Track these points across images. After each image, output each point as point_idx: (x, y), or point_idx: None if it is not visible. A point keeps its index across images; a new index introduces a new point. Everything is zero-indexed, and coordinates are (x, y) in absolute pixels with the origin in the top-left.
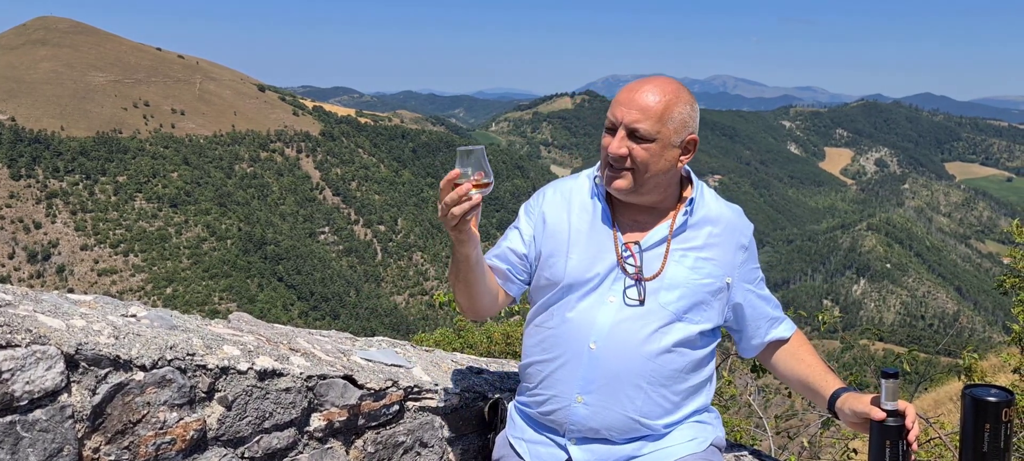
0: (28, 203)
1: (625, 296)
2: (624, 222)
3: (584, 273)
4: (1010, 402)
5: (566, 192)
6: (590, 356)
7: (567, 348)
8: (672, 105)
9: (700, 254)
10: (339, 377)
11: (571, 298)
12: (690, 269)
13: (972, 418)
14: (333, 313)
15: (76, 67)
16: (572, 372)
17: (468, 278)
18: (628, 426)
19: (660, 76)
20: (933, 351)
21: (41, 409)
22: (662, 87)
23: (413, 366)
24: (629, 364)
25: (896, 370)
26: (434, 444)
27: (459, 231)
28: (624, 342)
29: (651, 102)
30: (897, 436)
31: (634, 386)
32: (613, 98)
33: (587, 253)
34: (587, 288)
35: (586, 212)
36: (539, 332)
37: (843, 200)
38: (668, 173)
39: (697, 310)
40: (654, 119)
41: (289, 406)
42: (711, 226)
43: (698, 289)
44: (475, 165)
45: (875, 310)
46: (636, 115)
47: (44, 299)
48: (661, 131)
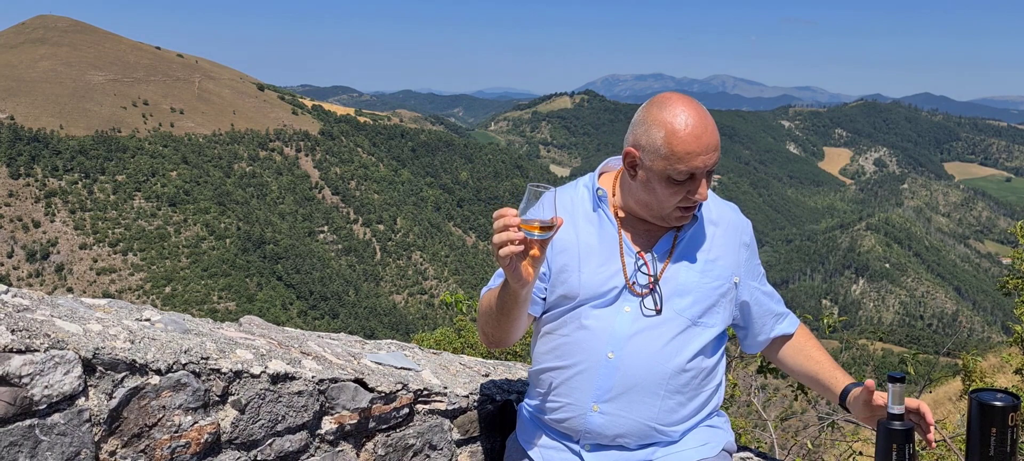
0: (27, 202)
1: (642, 305)
2: (630, 230)
3: (599, 287)
4: (1016, 406)
5: (568, 204)
6: (607, 365)
7: (584, 357)
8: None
9: (708, 257)
10: (350, 380)
11: (586, 308)
12: (700, 273)
13: (978, 422)
14: (332, 312)
15: (75, 66)
16: (588, 381)
17: (512, 313)
18: (645, 433)
19: (687, 101)
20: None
21: (59, 413)
22: (708, 117)
23: (422, 369)
24: (648, 373)
25: (902, 374)
26: (443, 447)
27: (512, 270)
28: (642, 351)
29: (717, 137)
30: (904, 440)
31: (652, 394)
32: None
33: (600, 266)
34: (603, 299)
35: (592, 224)
36: (552, 339)
37: (842, 200)
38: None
39: (710, 313)
40: (719, 147)
41: (301, 409)
42: (714, 227)
43: (710, 292)
44: (538, 208)
45: (874, 310)
46: (715, 156)
47: (61, 304)
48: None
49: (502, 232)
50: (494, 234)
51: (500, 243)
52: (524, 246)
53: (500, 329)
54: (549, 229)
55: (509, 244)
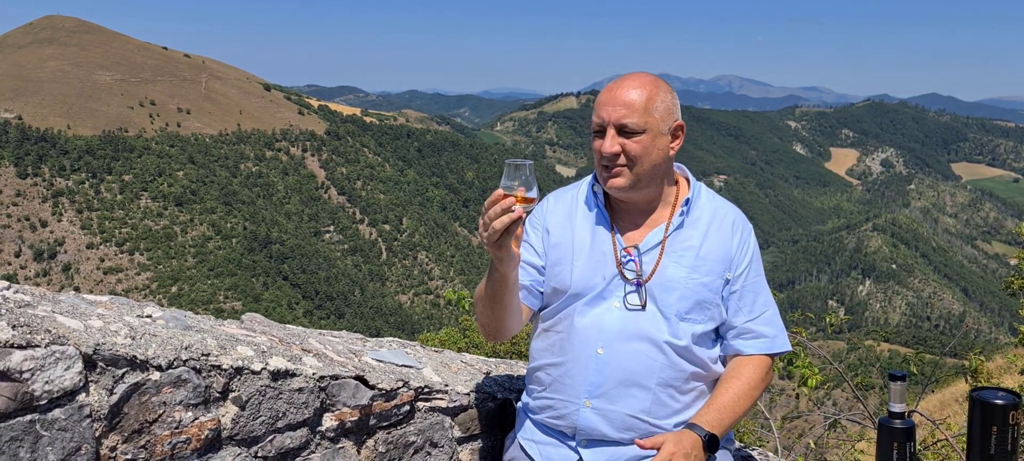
0: (34, 201)
1: (626, 301)
2: (623, 226)
3: (589, 281)
4: (1017, 405)
5: (567, 201)
6: (598, 361)
7: (575, 354)
8: (653, 96)
9: (698, 253)
10: (351, 378)
11: (578, 304)
12: (689, 269)
13: (979, 421)
14: (338, 312)
15: (82, 66)
16: (580, 377)
17: (504, 299)
18: (635, 427)
19: (636, 72)
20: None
21: (60, 408)
22: (640, 80)
23: (423, 367)
24: (635, 367)
25: (904, 373)
26: (444, 444)
27: (499, 248)
28: (629, 346)
29: (634, 97)
30: (905, 438)
31: (641, 389)
32: (595, 101)
33: (591, 261)
34: (593, 295)
35: (587, 220)
36: (548, 337)
37: (849, 201)
38: (663, 163)
39: (699, 310)
40: (640, 111)
41: (302, 406)
42: (708, 225)
43: (698, 289)
44: (521, 180)
45: (880, 311)
46: (622, 111)
47: (62, 300)
48: (648, 121)
49: (493, 209)
50: (486, 221)
51: (494, 217)
52: (516, 214)
53: (495, 318)
54: (530, 201)
55: (506, 215)
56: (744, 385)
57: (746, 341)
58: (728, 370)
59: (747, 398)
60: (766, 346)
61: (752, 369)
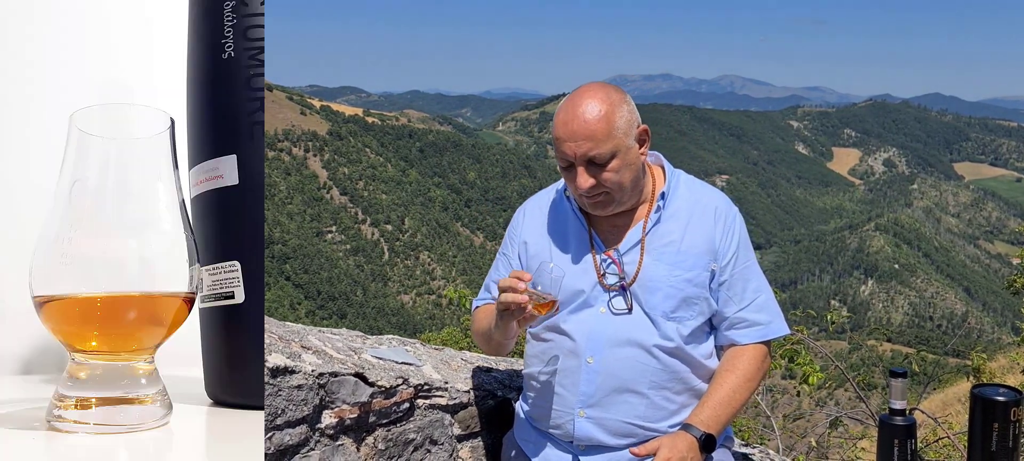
0: None
1: (611, 306)
2: (601, 229)
3: (572, 289)
4: (1018, 402)
5: (543, 207)
6: (588, 370)
7: (565, 363)
8: (611, 113)
9: (679, 248)
10: (350, 375)
11: (563, 313)
12: (670, 265)
13: (980, 418)
14: (340, 312)
15: None
16: (572, 387)
17: (504, 341)
18: (632, 433)
19: (583, 89)
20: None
21: None
22: (593, 99)
23: (423, 364)
24: (627, 374)
25: (905, 370)
26: (444, 442)
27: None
28: (618, 353)
29: (594, 126)
30: (906, 435)
31: (634, 394)
32: (553, 136)
33: (571, 269)
34: (577, 303)
35: (564, 227)
36: (537, 344)
37: (851, 200)
38: (638, 172)
39: (686, 307)
40: (604, 137)
41: (300, 403)
42: (689, 216)
43: (683, 285)
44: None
45: (883, 311)
46: (587, 145)
47: None
48: (616, 144)
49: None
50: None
51: (504, 288)
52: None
53: (493, 347)
54: (548, 308)
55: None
56: (740, 378)
57: (740, 331)
58: (722, 363)
59: (744, 391)
60: (761, 333)
61: (747, 360)
